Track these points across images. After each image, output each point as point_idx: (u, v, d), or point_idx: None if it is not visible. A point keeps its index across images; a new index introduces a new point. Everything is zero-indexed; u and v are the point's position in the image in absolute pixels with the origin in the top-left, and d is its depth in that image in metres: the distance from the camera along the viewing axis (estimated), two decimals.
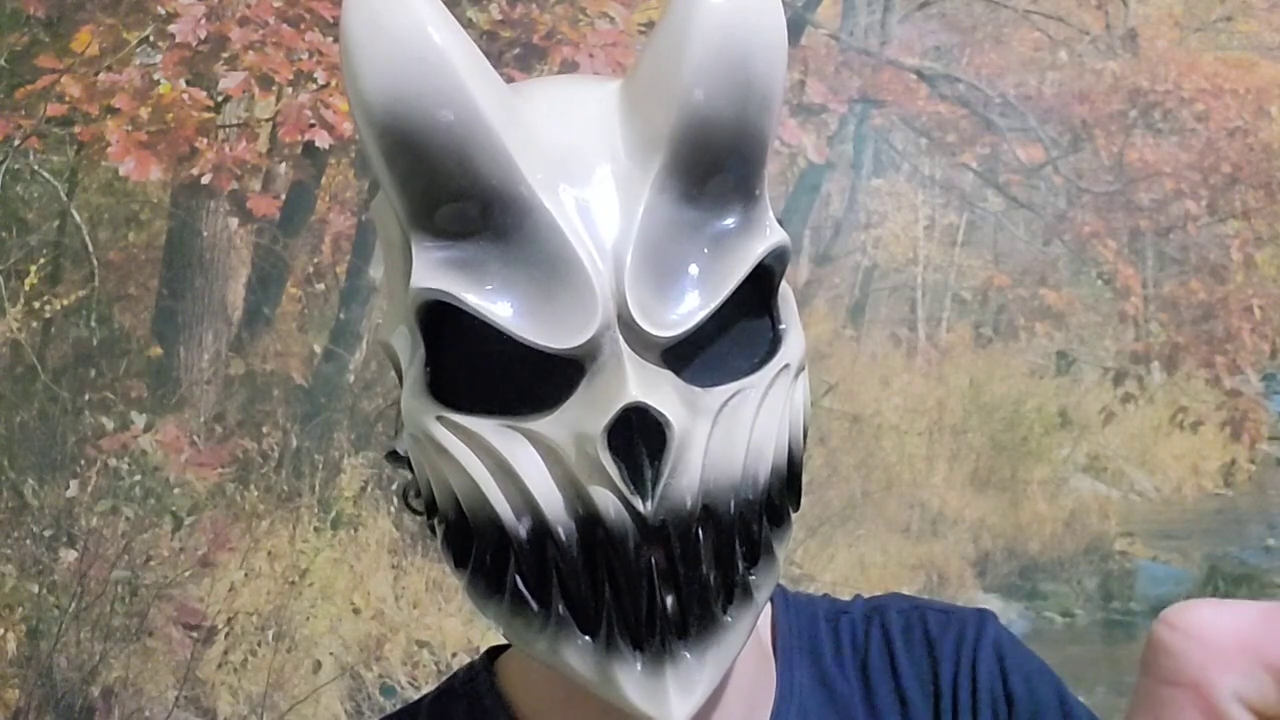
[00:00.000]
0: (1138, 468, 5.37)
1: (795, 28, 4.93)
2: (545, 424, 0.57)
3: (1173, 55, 3.49)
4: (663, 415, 0.54)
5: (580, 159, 0.58)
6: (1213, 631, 0.27)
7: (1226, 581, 3.09)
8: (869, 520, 4.79)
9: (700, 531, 0.57)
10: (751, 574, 0.60)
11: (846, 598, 0.78)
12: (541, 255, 0.57)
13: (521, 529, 0.57)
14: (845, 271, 5.77)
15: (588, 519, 0.56)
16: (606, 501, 0.55)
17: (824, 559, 4.43)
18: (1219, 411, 4.42)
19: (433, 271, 0.57)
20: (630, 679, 0.56)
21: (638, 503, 0.55)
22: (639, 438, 0.55)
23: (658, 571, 0.56)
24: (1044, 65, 3.31)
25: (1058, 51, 3.51)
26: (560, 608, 0.57)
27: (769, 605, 0.74)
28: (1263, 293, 3.59)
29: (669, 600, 0.57)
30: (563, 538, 0.57)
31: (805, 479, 0.67)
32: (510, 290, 0.57)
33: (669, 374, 0.57)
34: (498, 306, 0.57)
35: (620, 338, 0.56)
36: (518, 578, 0.58)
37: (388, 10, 0.55)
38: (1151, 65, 3.45)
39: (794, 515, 0.65)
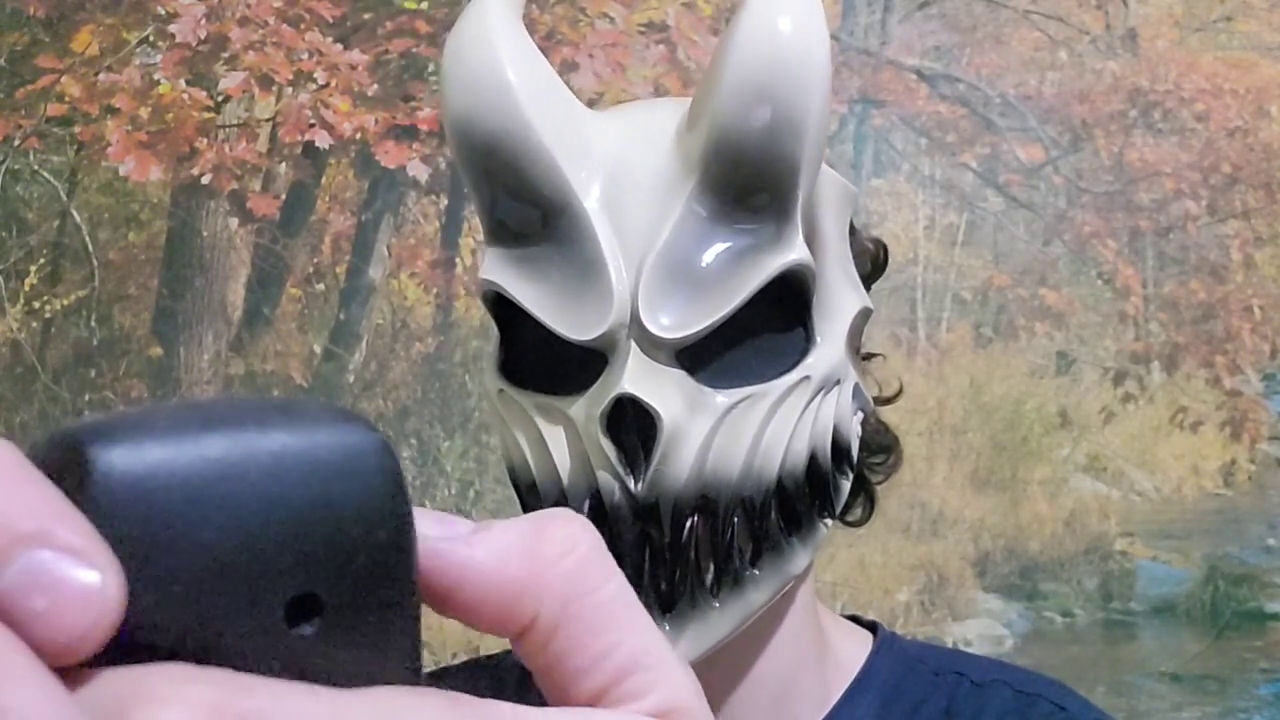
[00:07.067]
0: (1138, 468, 5.37)
1: None
2: (574, 406, 0.64)
3: (1173, 55, 3.49)
4: (651, 407, 0.60)
5: (629, 174, 0.65)
6: None
7: (1226, 581, 3.09)
8: (869, 520, 4.78)
9: (697, 519, 0.62)
10: (755, 568, 0.64)
11: (959, 646, 0.77)
12: (579, 258, 0.64)
13: (550, 497, 0.65)
14: None
15: (596, 494, 0.63)
16: (607, 480, 0.62)
17: (824, 559, 4.41)
18: (1219, 411, 4.41)
19: (493, 266, 0.66)
20: None
21: (630, 482, 0.61)
22: (633, 426, 0.61)
23: (651, 548, 0.62)
24: (1044, 65, 3.31)
25: (1058, 51, 3.51)
26: None
27: (870, 642, 0.76)
28: (1263, 293, 3.59)
29: (659, 575, 0.62)
30: (577, 509, 0.62)
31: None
32: (549, 286, 0.64)
33: (679, 373, 0.63)
34: (536, 299, 0.64)
35: (631, 336, 0.62)
36: None
37: (470, 46, 0.64)
38: (1151, 65, 3.45)
39: (827, 522, 0.69)
